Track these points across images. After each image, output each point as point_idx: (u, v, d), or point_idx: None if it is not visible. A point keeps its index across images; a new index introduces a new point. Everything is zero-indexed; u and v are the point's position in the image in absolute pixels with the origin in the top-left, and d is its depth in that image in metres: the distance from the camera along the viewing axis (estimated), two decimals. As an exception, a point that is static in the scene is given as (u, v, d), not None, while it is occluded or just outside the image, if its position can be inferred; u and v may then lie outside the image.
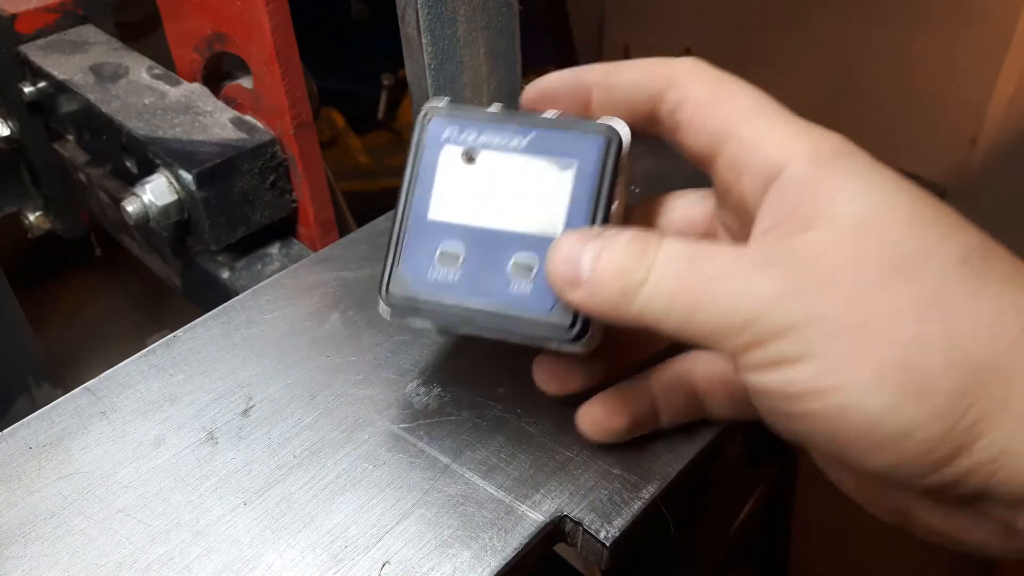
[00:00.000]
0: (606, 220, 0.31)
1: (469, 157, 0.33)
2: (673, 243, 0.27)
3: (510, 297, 0.32)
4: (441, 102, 0.34)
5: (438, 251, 0.33)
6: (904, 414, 0.23)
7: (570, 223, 0.31)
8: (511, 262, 0.32)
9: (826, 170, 0.27)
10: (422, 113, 0.34)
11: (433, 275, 0.32)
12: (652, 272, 0.26)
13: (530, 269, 0.32)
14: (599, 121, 0.32)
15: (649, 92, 0.32)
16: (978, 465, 0.23)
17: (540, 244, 0.31)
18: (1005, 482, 0.23)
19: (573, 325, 0.31)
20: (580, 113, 0.34)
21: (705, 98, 0.30)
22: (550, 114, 0.33)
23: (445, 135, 0.33)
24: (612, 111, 0.33)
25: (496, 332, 0.32)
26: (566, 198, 0.32)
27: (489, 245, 0.32)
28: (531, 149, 0.32)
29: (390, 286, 0.33)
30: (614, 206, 0.32)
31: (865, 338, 0.24)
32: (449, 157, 0.33)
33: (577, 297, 0.28)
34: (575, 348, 0.31)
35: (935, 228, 0.25)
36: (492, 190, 0.32)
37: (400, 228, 0.33)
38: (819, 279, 0.25)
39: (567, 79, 0.33)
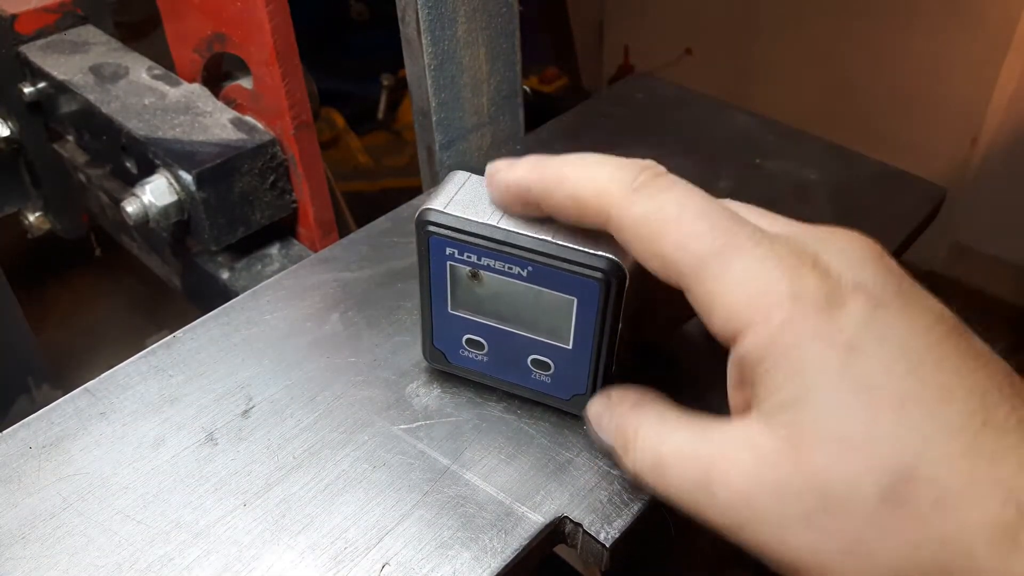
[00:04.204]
0: (613, 338, 0.33)
1: (475, 275, 0.34)
2: (643, 444, 0.29)
3: (533, 383, 0.36)
4: (434, 203, 0.33)
5: (464, 338, 0.36)
6: None
7: (578, 339, 0.34)
8: (529, 358, 0.35)
9: (767, 362, 0.26)
10: (419, 218, 0.33)
11: (464, 354, 0.37)
12: (637, 468, 0.30)
13: (547, 367, 0.35)
14: (599, 255, 0.31)
15: (591, 227, 0.30)
16: None
17: (553, 350, 0.35)
18: None
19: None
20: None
21: (646, 253, 0.28)
22: (547, 235, 0.31)
23: (448, 252, 0.33)
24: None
25: (525, 396, 0.37)
26: (571, 322, 0.33)
27: (508, 341, 0.35)
28: (532, 279, 0.32)
29: (430, 355, 0.37)
30: (620, 325, 0.33)
31: (798, 571, 0.25)
32: (456, 270, 0.34)
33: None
34: None
35: (861, 451, 0.24)
36: (503, 300, 0.34)
37: (427, 310, 0.36)
38: (750, 512, 0.26)
39: (512, 190, 0.31)
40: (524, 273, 0.32)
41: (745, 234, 0.27)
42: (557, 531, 0.34)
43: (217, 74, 0.58)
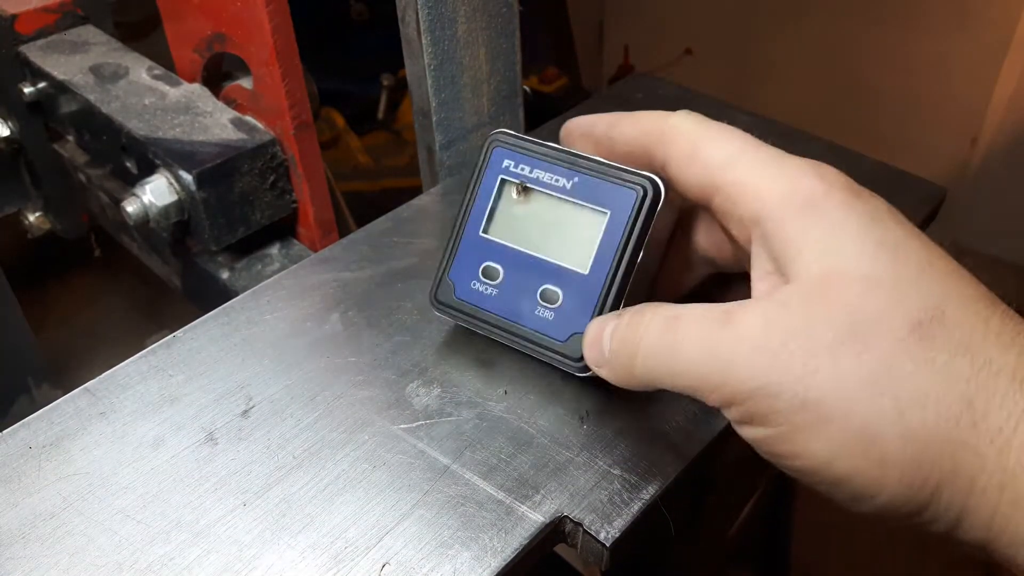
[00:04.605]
0: (630, 267, 0.34)
1: (521, 188, 0.36)
2: (655, 314, 0.29)
3: (534, 320, 0.36)
4: (507, 132, 0.37)
5: (483, 265, 0.37)
6: (868, 478, 0.25)
7: (596, 265, 0.35)
8: (540, 288, 0.36)
9: (796, 222, 0.27)
10: (488, 140, 0.37)
11: (476, 286, 0.37)
12: (641, 343, 0.29)
13: (556, 299, 0.36)
14: (640, 174, 0.34)
15: (643, 149, 0.33)
16: (943, 518, 0.25)
17: (568, 278, 0.35)
18: (968, 531, 0.25)
19: (582, 358, 0.34)
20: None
21: (684, 155, 0.31)
22: (599, 158, 0.35)
23: (504, 164, 0.36)
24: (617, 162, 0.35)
25: (518, 346, 0.37)
26: (596, 242, 0.35)
27: (526, 269, 0.36)
28: (574, 192, 0.35)
29: (439, 289, 0.38)
30: (639, 256, 0.34)
31: (820, 413, 0.25)
32: (504, 185, 0.37)
33: (604, 373, 0.32)
34: (581, 375, 0.35)
35: (890, 291, 0.25)
36: (536, 221, 0.36)
37: (455, 237, 0.38)
38: (773, 347, 0.26)
39: (581, 128, 0.35)
40: (568, 185, 0.35)
41: (770, 146, 0.30)
42: (557, 531, 0.34)
43: (217, 74, 0.58)
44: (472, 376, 0.39)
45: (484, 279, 0.37)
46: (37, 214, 0.73)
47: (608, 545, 0.32)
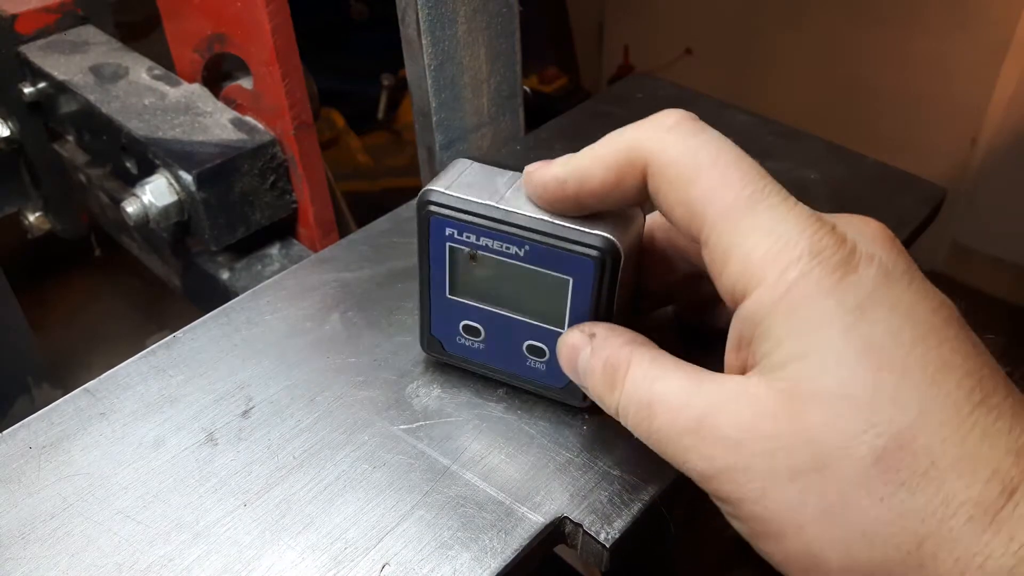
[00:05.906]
0: (608, 317, 0.33)
1: (473, 256, 0.34)
2: (635, 374, 0.29)
3: (528, 370, 0.36)
4: (436, 185, 0.34)
5: (461, 324, 0.36)
6: None
7: (573, 323, 0.34)
8: (525, 344, 0.36)
9: (775, 317, 0.26)
10: (420, 199, 0.34)
11: (461, 341, 0.37)
12: (621, 400, 0.30)
13: (543, 353, 0.35)
14: (594, 234, 0.31)
15: (631, 193, 0.30)
16: None
17: (548, 334, 0.35)
18: None
19: (586, 398, 0.34)
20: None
21: (674, 197, 0.28)
22: (545, 215, 0.32)
23: (447, 233, 0.34)
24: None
25: (519, 386, 0.38)
26: (566, 303, 0.33)
27: (505, 326, 0.36)
28: (528, 259, 0.33)
29: (428, 344, 0.38)
30: (615, 307, 0.33)
31: (772, 530, 0.26)
32: (455, 251, 0.34)
33: (578, 383, 0.33)
34: (583, 406, 0.36)
35: (862, 411, 0.24)
36: (500, 282, 0.34)
37: (425, 296, 0.36)
38: (735, 459, 0.26)
39: (552, 187, 0.31)
40: (521, 253, 0.32)
41: (772, 188, 0.27)
42: (557, 531, 0.34)
43: (217, 74, 0.58)
44: (472, 377, 0.39)
45: (467, 335, 0.36)
46: (37, 214, 0.73)
47: (608, 546, 0.32)
